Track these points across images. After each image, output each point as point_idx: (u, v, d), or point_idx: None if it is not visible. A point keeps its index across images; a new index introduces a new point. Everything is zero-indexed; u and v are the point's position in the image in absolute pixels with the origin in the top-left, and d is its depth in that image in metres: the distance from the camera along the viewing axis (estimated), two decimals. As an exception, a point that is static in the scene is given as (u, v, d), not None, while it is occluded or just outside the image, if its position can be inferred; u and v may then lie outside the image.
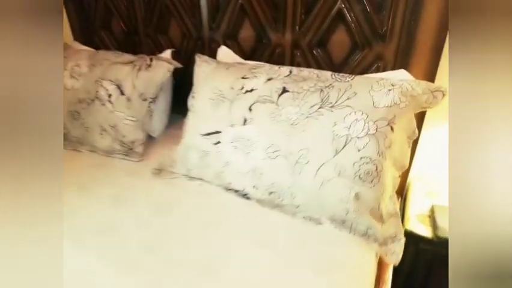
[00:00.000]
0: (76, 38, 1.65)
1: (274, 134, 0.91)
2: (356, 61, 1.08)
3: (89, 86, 1.24)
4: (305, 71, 0.99)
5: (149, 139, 1.30)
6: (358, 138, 0.83)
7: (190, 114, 1.09)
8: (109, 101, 1.20)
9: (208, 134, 1.01)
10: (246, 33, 1.25)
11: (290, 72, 0.99)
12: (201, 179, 1.05)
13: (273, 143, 0.91)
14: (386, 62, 1.04)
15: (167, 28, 1.40)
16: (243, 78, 1.00)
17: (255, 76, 0.99)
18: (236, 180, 0.98)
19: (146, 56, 1.27)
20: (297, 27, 1.13)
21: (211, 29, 1.29)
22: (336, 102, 0.87)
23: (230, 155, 0.97)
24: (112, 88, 1.20)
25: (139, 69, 1.21)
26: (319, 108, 0.88)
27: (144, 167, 1.15)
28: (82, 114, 1.24)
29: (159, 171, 1.11)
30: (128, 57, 1.26)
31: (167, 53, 1.34)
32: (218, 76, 1.05)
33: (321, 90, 0.90)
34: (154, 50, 1.44)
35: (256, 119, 0.94)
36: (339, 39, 1.08)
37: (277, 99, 0.93)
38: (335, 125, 0.86)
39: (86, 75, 1.26)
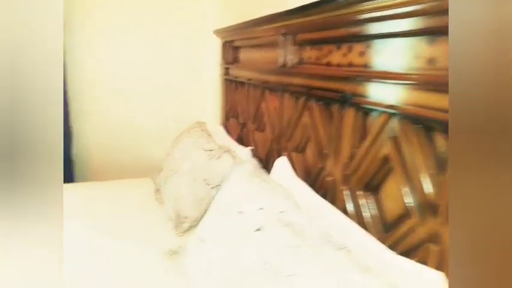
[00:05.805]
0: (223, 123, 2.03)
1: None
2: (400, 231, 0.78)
3: (180, 160, 1.49)
4: (304, 219, 0.80)
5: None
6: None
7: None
8: (182, 176, 1.40)
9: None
10: (310, 152, 1.16)
11: (281, 212, 0.84)
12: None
13: None
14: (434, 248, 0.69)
15: (264, 128, 1.50)
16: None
17: (255, 198, 0.91)
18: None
19: (227, 149, 1.40)
20: (347, 161, 0.95)
21: (285, 139, 1.28)
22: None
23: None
24: (188, 166, 1.40)
25: (211, 158, 1.35)
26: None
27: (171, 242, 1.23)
28: (167, 180, 1.51)
29: (173, 253, 1.16)
30: (212, 145, 1.44)
31: (246, 150, 1.42)
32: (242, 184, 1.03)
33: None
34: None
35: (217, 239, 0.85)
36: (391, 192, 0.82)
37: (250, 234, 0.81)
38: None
39: (186, 150, 1.54)
